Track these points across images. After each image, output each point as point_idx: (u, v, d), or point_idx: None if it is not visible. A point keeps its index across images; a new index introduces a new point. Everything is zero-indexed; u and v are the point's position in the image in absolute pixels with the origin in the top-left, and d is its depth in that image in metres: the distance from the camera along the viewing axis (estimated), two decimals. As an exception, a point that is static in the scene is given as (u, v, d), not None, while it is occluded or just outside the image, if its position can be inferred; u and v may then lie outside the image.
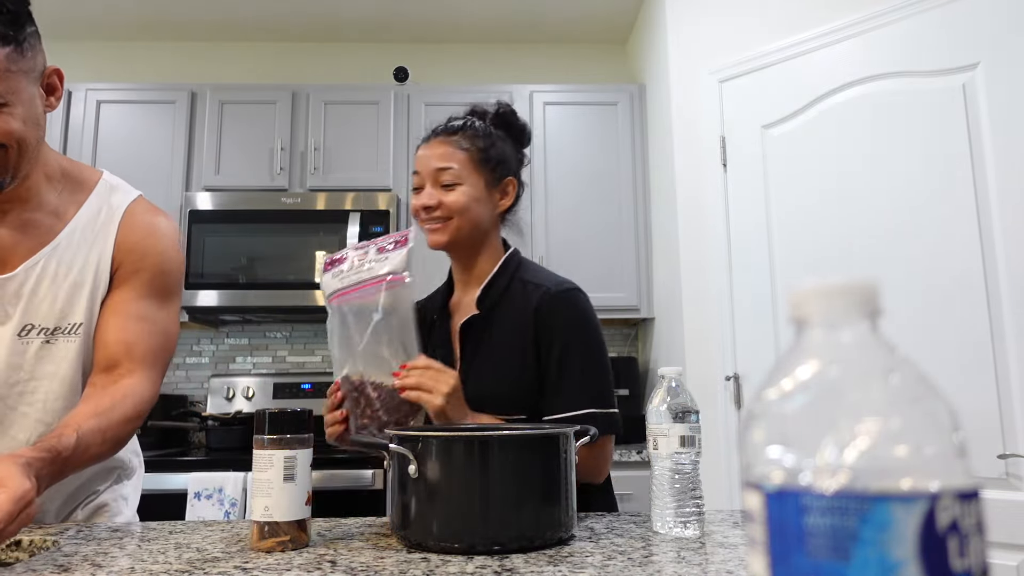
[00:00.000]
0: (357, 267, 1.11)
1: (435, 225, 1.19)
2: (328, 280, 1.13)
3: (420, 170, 1.21)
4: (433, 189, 1.19)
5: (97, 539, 0.90)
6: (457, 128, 1.23)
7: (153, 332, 1.09)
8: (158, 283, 1.12)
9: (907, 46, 1.96)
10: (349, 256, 1.13)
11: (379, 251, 1.12)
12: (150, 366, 1.08)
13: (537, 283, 1.18)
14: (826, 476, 0.29)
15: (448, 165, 1.19)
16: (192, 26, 3.25)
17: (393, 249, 1.11)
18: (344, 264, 1.12)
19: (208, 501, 2.24)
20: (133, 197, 1.16)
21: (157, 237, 1.14)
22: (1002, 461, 1.67)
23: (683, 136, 2.52)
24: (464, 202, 1.18)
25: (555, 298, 1.15)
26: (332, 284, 1.12)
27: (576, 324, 1.14)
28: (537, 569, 0.73)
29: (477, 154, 1.21)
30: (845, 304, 0.32)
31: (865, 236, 1.98)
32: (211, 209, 2.75)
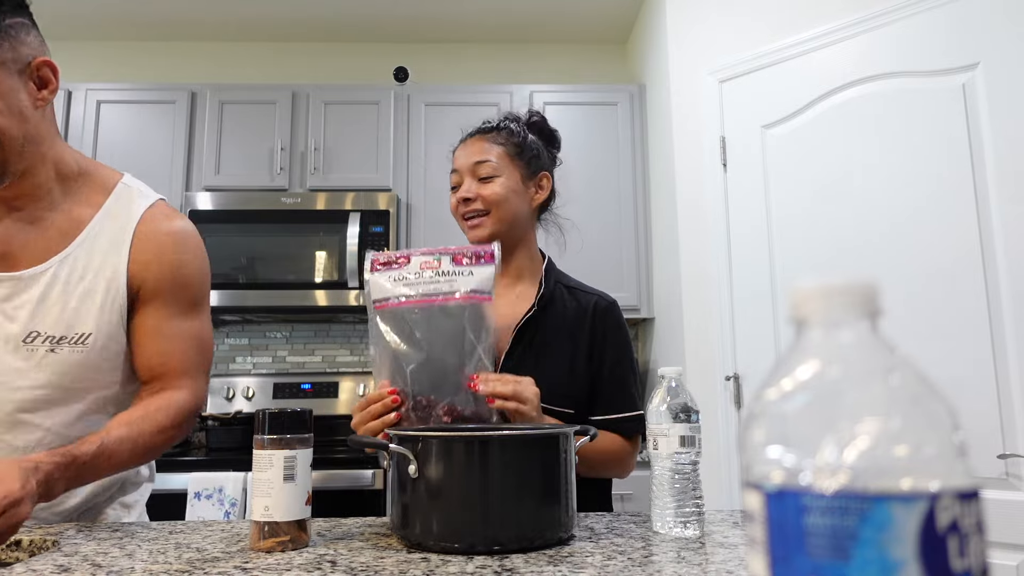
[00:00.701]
0: (430, 277, 1.05)
1: (476, 220, 1.21)
2: (383, 282, 1.06)
3: (458, 167, 1.24)
4: (471, 183, 1.21)
5: (97, 539, 0.90)
6: (492, 127, 1.27)
7: (188, 346, 1.10)
8: (185, 297, 1.11)
9: (907, 46, 1.96)
10: (412, 260, 1.07)
11: (456, 262, 1.07)
12: (191, 377, 1.09)
13: (585, 291, 1.27)
14: (826, 476, 0.29)
15: (485, 158, 1.21)
16: (192, 26, 3.25)
17: (476, 264, 1.07)
18: (406, 269, 1.06)
19: (208, 501, 2.24)
20: (151, 202, 1.13)
21: (176, 248, 1.10)
22: (1002, 461, 1.67)
23: (683, 136, 2.52)
24: (502, 193, 1.20)
25: (610, 307, 1.25)
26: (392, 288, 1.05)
27: (625, 334, 1.25)
28: (537, 569, 0.73)
29: (513, 148, 1.24)
30: (845, 304, 0.32)
31: (865, 236, 1.98)
32: (211, 209, 2.75)
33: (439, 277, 1.05)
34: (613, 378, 1.21)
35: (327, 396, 2.95)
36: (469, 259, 1.07)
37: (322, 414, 2.92)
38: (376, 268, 1.08)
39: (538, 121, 1.32)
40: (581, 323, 1.22)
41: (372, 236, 2.73)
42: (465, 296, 1.04)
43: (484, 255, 1.08)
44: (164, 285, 1.08)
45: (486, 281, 1.06)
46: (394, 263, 1.07)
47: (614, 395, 1.21)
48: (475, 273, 1.06)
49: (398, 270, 1.07)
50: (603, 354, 1.21)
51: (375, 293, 1.07)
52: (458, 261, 1.06)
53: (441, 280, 1.05)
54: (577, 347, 1.20)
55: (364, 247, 2.71)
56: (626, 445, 1.20)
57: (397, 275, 1.06)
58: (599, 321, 1.22)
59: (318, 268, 2.72)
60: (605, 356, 1.21)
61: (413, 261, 1.07)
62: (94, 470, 0.95)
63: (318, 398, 2.94)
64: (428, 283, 1.05)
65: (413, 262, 1.07)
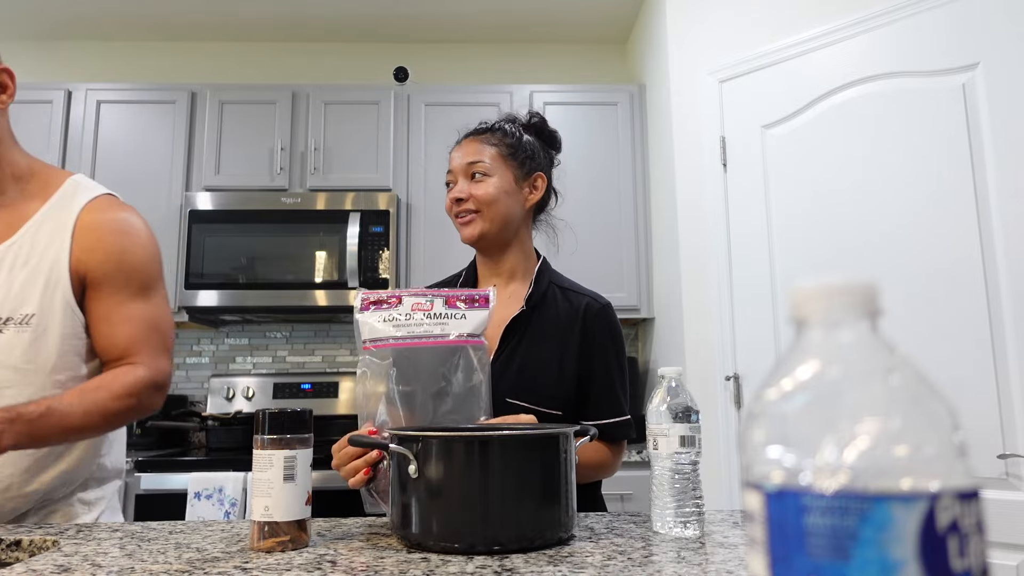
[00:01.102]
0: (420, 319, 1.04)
1: (466, 218, 1.22)
2: (374, 322, 1.05)
3: (452, 167, 1.25)
4: (464, 182, 1.23)
5: (97, 539, 0.90)
6: (486, 128, 1.28)
7: (142, 327, 1.14)
8: (134, 281, 1.15)
9: (907, 46, 1.96)
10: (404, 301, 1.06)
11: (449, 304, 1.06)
12: (147, 355, 1.13)
13: (578, 292, 1.27)
14: (826, 476, 0.29)
15: (478, 159, 1.23)
16: (192, 26, 3.25)
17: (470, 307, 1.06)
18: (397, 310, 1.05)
19: (208, 501, 2.24)
20: (94, 195, 1.17)
21: (118, 235, 1.15)
22: (1002, 461, 1.67)
23: (683, 136, 2.52)
24: (493, 193, 1.21)
25: (602, 310, 1.24)
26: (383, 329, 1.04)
27: (618, 337, 1.25)
28: (537, 569, 0.73)
29: (506, 149, 1.25)
30: (845, 304, 0.32)
31: (865, 236, 1.98)
32: (211, 209, 2.75)
33: (429, 319, 1.05)
34: (602, 383, 1.21)
35: (327, 396, 2.95)
36: (463, 302, 1.07)
37: (322, 414, 2.92)
38: (366, 307, 1.07)
39: (538, 122, 1.32)
40: (572, 325, 1.21)
41: (372, 236, 2.73)
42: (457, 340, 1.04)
43: (479, 299, 1.08)
44: (110, 270, 1.13)
45: (479, 325, 1.06)
46: (384, 303, 1.07)
47: (601, 400, 1.20)
48: (468, 317, 1.06)
49: (388, 310, 1.06)
50: (592, 358, 1.21)
51: (365, 332, 1.06)
52: (451, 304, 1.06)
53: (432, 322, 1.04)
54: (567, 349, 1.20)
55: (364, 247, 2.71)
56: (610, 451, 1.19)
57: (387, 315, 1.05)
58: (590, 323, 1.22)
59: (318, 268, 2.72)
60: (595, 360, 1.21)
61: (404, 302, 1.07)
62: (45, 429, 1.00)
63: (318, 398, 2.94)
64: (418, 325, 1.04)
65: (404, 303, 1.06)
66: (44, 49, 3.34)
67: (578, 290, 1.27)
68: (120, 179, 2.83)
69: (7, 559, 0.88)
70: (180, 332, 3.12)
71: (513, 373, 1.17)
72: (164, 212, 2.81)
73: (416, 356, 1.02)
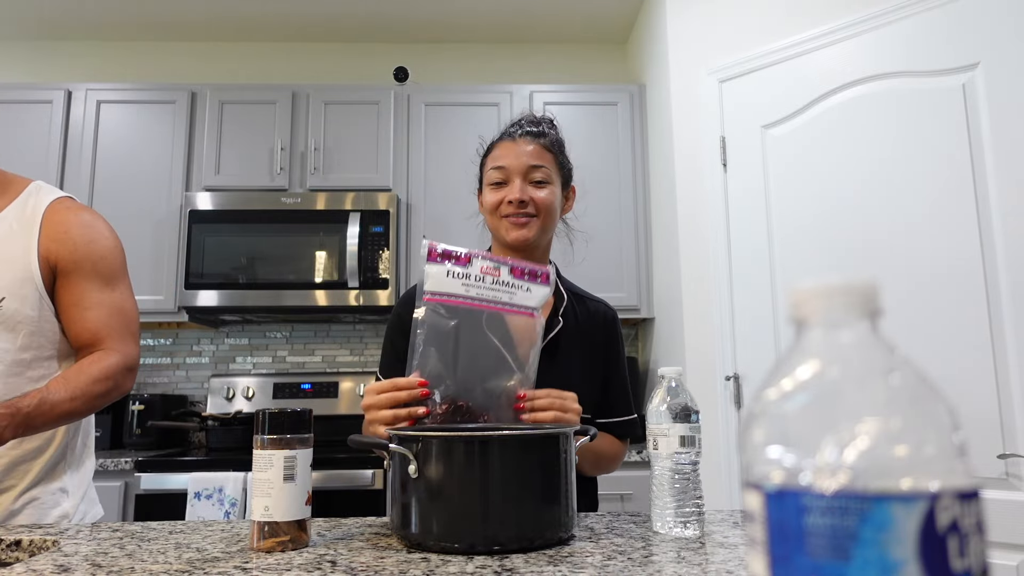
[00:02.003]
0: (492, 284, 1.04)
1: (523, 220, 1.20)
2: (442, 276, 1.03)
3: (507, 165, 1.21)
4: (524, 185, 1.20)
5: (97, 539, 0.90)
6: (541, 132, 1.26)
7: (110, 314, 1.22)
8: (102, 270, 1.23)
9: (907, 46, 1.96)
10: (473, 262, 1.04)
11: (514, 274, 1.05)
12: (116, 340, 1.21)
13: (588, 298, 1.31)
14: (826, 476, 0.29)
15: (541, 163, 1.21)
16: (192, 26, 3.25)
17: (533, 281, 1.06)
18: (469, 268, 1.04)
19: (208, 501, 2.24)
20: (57, 196, 1.25)
21: (85, 228, 1.23)
22: (1002, 461, 1.67)
23: (683, 136, 2.52)
24: (553, 202, 1.22)
25: (615, 318, 1.31)
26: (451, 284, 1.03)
27: (623, 341, 1.32)
28: (537, 569, 0.73)
29: (558, 158, 1.26)
30: (845, 304, 0.32)
31: (865, 236, 1.98)
32: (211, 209, 2.75)
33: (499, 286, 1.04)
34: (619, 385, 1.28)
35: (327, 396, 2.95)
36: (527, 275, 1.06)
37: (322, 414, 2.92)
38: (434, 258, 1.04)
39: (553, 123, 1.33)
40: (594, 332, 1.26)
41: (372, 236, 2.72)
42: (525, 311, 1.05)
43: (540, 275, 1.07)
44: (79, 258, 1.21)
45: (541, 300, 1.06)
46: (453, 257, 1.04)
47: (618, 400, 1.28)
48: (532, 291, 1.06)
49: (459, 266, 1.04)
50: (612, 363, 1.27)
51: (432, 284, 1.03)
52: (516, 274, 1.06)
53: (501, 289, 1.04)
54: (595, 357, 1.25)
55: (364, 247, 2.71)
56: (623, 446, 1.28)
57: (458, 271, 1.03)
58: (610, 331, 1.28)
59: (318, 268, 2.72)
60: (613, 364, 1.28)
61: (474, 263, 1.05)
62: (41, 418, 1.08)
63: (318, 398, 2.94)
64: (489, 289, 1.04)
65: (474, 263, 1.04)
66: (44, 49, 3.34)
67: (587, 296, 1.32)
68: (120, 179, 2.84)
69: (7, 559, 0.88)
70: (180, 332, 3.12)
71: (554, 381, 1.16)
72: (164, 212, 2.81)
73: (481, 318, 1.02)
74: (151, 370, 3.09)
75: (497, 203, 1.21)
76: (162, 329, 3.11)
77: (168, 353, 3.11)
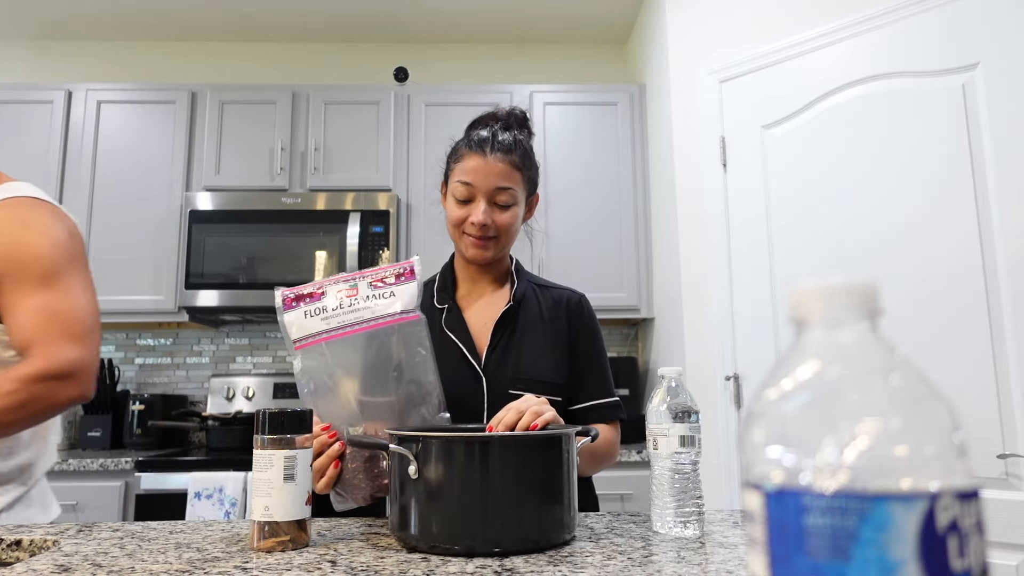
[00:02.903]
0: (350, 305, 1.00)
1: (484, 243, 1.20)
2: (301, 320, 1.00)
3: (474, 183, 1.18)
4: (487, 207, 1.18)
5: (97, 539, 0.90)
6: (511, 145, 1.21)
7: (40, 318, 1.13)
8: (33, 270, 1.15)
9: (907, 46, 1.96)
10: (328, 292, 1.01)
11: (374, 285, 1.01)
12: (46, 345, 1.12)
13: (554, 287, 1.33)
14: (826, 476, 0.29)
15: (509, 186, 1.19)
16: (192, 26, 3.25)
17: (396, 283, 1.01)
18: (325, 300, 1.00)
19: (208, 501, 2.24)
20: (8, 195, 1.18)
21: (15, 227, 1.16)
22: (1002, 461, 1.67)
23: (683, 136, 2.52)
24: (515, 224, 1.22)
25: (580, 300, 1.30)
26: (311, 325, 0.99)
27: (596, 323, 1.30)
28: (537, 569, 0.73)
29: (526, 173, 1.24)
30: (845, 304, 0.32)
31: (865, 236, 1.98)
32: (211, 209, 2.75)
33: (359, 304, 1.00)
34: (592, 367, 1.26)
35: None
36: (389, 279, 1.02)
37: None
38: (289, 305, 1.01)
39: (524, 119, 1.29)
40: (556, 315, 1.26)
41: (372, 236, 2.73)
42: (390, 320, 0.99)
43: (404, 272, 1.03)
44: (7, 263, 1.14)
45: (410, 300, 1.02)
46: (308, 297, 1.01)
47: (593, 383, 1.26)
48: (397, 293, 1.01)
49: (313, 303, 1.00)
50: (578, 344, 1.26)
51: (293, 332, 1.00)
52: (377, 284, 1.02)
53: (361, 308, 1.00)
54: (556, 338, 1.25)
55: (364, 247, 2.71)
56: (613, 431, 1.25)
57: (316, 308, 1.00)
58: (573, 313, 1.27)
59: (318, 268, 2.72)
60: (581, 346, 1.26)
61: (329, 292, 1.01)
62: None
63: (318, 398, 2.94)
64: (349, 312, 1.00)
65: (329, 293, 1.01)
66: (44, 49, 3.34)
67: (553, 286, 1.33)
68: (120, 179, 2.84)
69: (7, 559, 0.88)
70: (180, 332, 3.12)
71: (510, 366, 1.20)
72: (164, 212, 2.81)
73: (351, 344, 0.98)
74: (151, 370, 3.09)
75: (461, 219, 1.20)
76: (162, 329, 3.11)
77: (168, 353, 3.11)
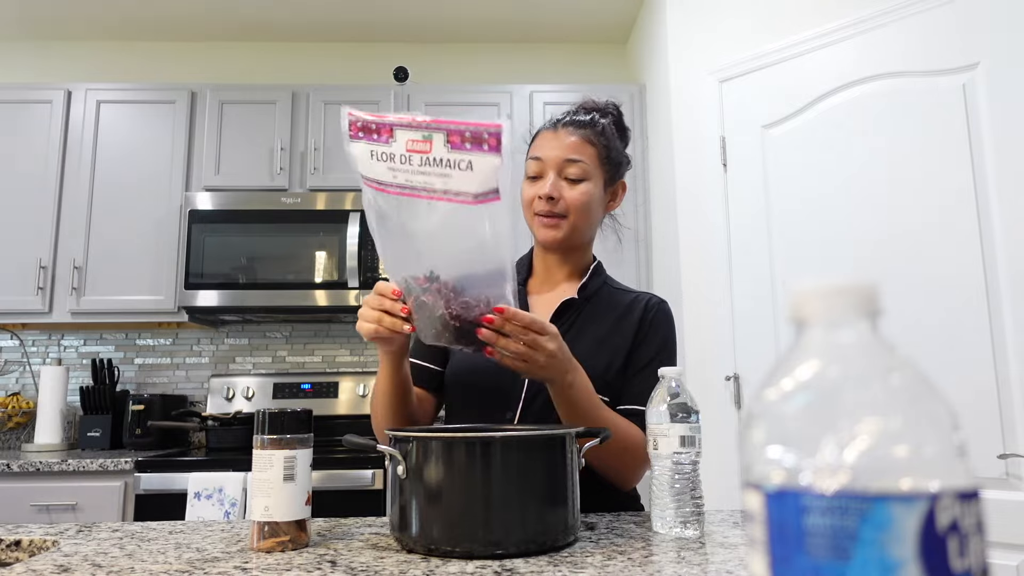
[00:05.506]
0: (420, 163, 0.82)
1: (552, 220, 1.14)
2: (367, 158, 0.85)
3: (543, 156, 1.14)
4: (557, 180, 1.13)
5: (97, 539, 0.90)
6: (588, 122, 1.16)
7: None
8: None
9: (907, 46, 1.96)
10: (397, 136, 0.83)
11: (451, 144, 0.82)
12: None
13: (636, 292, 1.24)
14: (826, 476, 0.29)
15: (579, 158, 1.13)
16: (192, 26, 3.25)
17: (477, 149, 0.81)
18: (393, 146, 0.83)
19: (208, 501, 2.24)
20: None
21: None
22: (1002, 461, 1.67)
23: (683, 136, 2.52)
24: (586, 201, 1.14)
25: (661, 304, 1.21)
26: (378, 169, 0.84)
27: (669, 331, 1.20)
28: (537, 569, 0.73)
29: (603, 151, 1.17)
30: (845, 304, 0.32)
31: (865, 236, 1.98)
32: (211, 209, 2.75)
33: (429, 167, 0.83)
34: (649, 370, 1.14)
35: (327, 396, 2.95)
36: (468, 143, 0.81)
37: (322, 414, 2.91)
38: (355, 135, 0.86)
39: (621, 115, 1.24)
40: (629, 314, 1.18)
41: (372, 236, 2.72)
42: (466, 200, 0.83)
43: (488, 138, 0.81)
44: None
45: (489, 176, 0.82)
46: (374, 133, 0.85)
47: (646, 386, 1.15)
48: (475, 165, 0.81)
49: (380, 144, 0.84)
50: (645, 345, 1.16)
51: (360, 167, 0.87)
52: (454, 143, 0.82)
53: (433, 172, 0.82)
54: (618, 337, 1.16)
55: (364, 247, 2.71)
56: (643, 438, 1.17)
57: (381, 151, 0.84)
58: (650, 314, 1.18)
59: (318, 268, 2.72)
60: (644, 348, 1.16)
61: (398, 136, 0.83)
62: None
63: (318, 398, 2.94)
64: (419, 172, 0.83)
65: (398, 138, 0.83)
66: (44, 49, 3.34)
67: (633, 291, 1.25)
68: (120, 179, 2.83)
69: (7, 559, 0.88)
70: (180, 332, 3.12)
71: None
72: (164, 212, 2.81)
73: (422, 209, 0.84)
74: (151, 370, 3.09)
75: (531, 199, 1.14)
76: (162, 329, 3.11)
77: (168, 353, 3.11)
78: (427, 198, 0.83)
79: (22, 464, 2.30)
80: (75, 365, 3.06)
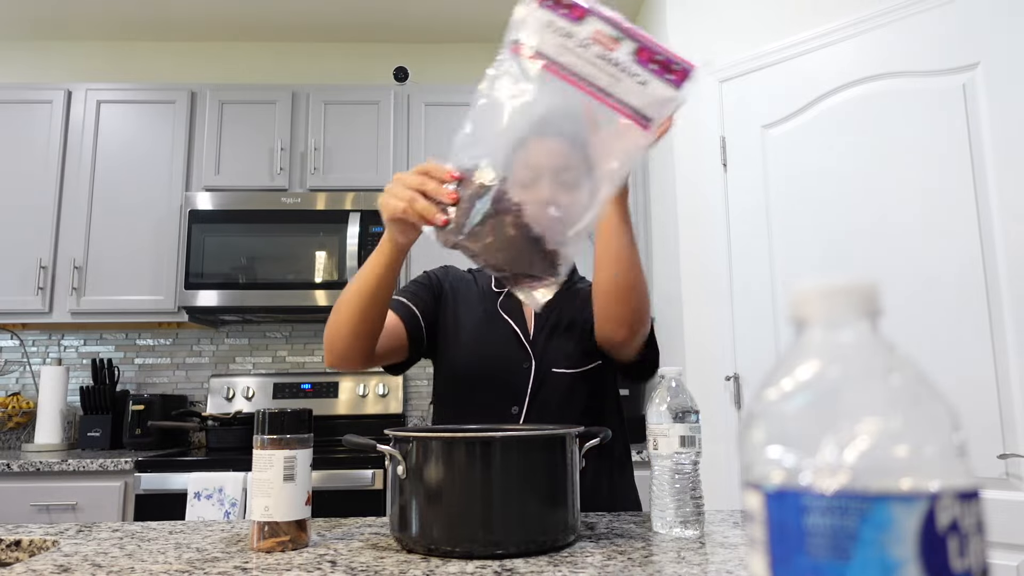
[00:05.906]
0: (598, 55, 0.76)
1: None
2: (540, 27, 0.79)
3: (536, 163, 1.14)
4: None
5: (97, 539, 0.90)
6: None
7: None
8: None
9: (907, 46, 1.96)
10: (588, 21, 0.78)
11: (638, 56, 0.76)
12: None
13: None
14: (826, 476, 0.29)
15: None
16: (192, 26, 3.25)
17: (661, 73, 0.76)
18: (580, 26, 0.77)
19: (208, 501, 2.24)
20: None
21: None
22: (1002, 461, 1.67)
23: (683, 136, 2.52)
24: None
25: None
26: (546, 40, 0.78)
27: None
28: (537, 569, 0.73)
29: None
30: (845, 304, 0.32)
31: (865, 236, 1.98)
32: (211, 209, 2.75)
33: (604, 63, 0.77)
34: None
35: (327, 396, 2.95)
36: (655, 63, 0.76)
37: (322, 414, 2.91)
38: (545, 2, 0.80)
39: None
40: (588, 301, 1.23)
41: (372, 236, 2.72)
42: (621, 109, 0.76)
43: (676, 69, 0.76)
44: None
45: (654, 103, 0.76)
46: (565, 8, 0.78)
47: None
48: (649, 86, 0.76)
49: (566, 20, 0.78)
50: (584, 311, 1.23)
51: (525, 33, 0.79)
52: (641, 58, 0.76)
53: (603, 68, 0.77)
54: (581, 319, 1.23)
55: (364, 247, 2.71)
56: None
57: (563, 26, 0.78)
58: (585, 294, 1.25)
59: (318, 268, 2.72)
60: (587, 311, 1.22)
61: (589, 22, 0.77)
62: None
63: (318, 398, 2.94)
64: (587, 62, 0.77)
65: (589, 22, 0.77)
66: (44, 49, 3.34)
67: None
68: (120, 179, 2.83)
69: (7, 559, 0.88)
70: (180, 332, 3.12)
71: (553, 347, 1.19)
72: (164, 212, 2.81)
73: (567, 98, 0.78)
74: (151, 370, 3.09)
75: None
76: (162, 329, 3.11)
77: (168, 353, 3.11)
78: (584, 88, 0.77)
79: (22, 464, 2.30)
80: (75, 365, 3.06)
